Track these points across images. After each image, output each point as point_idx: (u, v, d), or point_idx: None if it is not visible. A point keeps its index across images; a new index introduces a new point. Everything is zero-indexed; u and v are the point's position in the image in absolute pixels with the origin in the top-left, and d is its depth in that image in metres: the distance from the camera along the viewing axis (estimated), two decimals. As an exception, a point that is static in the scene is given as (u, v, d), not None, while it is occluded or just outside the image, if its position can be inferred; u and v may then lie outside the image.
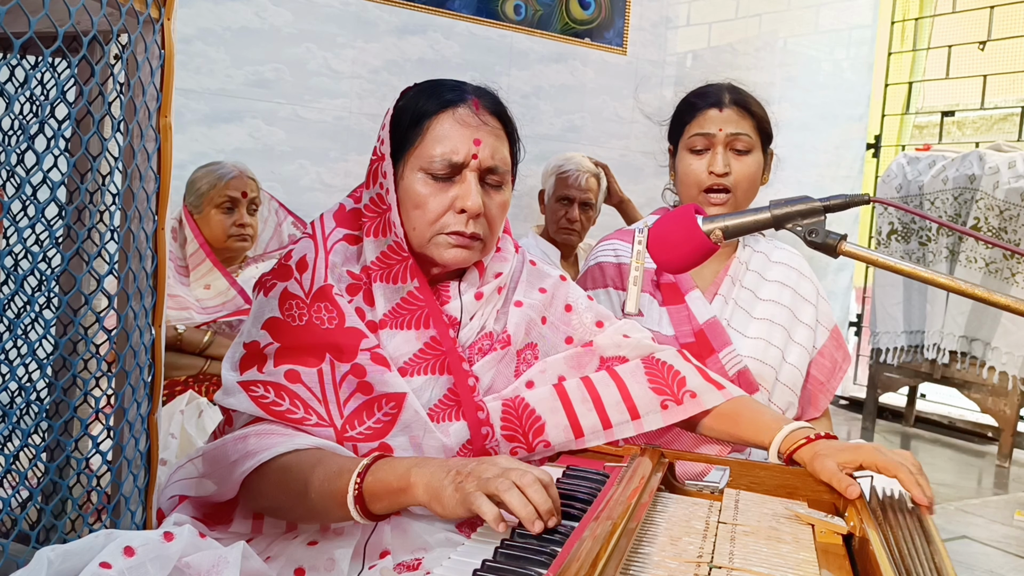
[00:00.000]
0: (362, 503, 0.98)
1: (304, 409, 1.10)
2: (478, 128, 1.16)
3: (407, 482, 0.96)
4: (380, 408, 1.11)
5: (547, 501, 0.88)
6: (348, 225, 1.20)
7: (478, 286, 1.23)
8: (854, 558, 0.90)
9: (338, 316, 1.12)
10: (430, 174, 1.15)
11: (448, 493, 0.92)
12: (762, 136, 1.67)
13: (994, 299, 0.97)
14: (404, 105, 1.20)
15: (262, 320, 1.14)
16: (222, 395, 1.13)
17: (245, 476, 1.04)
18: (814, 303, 1.70)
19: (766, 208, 1.07)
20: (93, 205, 0.97)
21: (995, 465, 3.74)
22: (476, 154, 1.16)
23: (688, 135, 1.65)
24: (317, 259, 1.15)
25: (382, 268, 1.17)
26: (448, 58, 3.39)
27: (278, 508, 1.08)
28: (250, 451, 1.05)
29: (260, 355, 1.13)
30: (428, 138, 1.16)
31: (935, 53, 4.62)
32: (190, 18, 2.87)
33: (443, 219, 1.16)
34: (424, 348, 1.17)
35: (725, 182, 1.61)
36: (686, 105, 1.69)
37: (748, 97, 1.67)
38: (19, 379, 0.98)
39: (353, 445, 1.11)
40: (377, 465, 0.99)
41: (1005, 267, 3.62)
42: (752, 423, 1.24)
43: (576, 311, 1.34)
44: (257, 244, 2.47)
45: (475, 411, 1.16)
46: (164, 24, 0.95)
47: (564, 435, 1.21)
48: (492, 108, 1.20)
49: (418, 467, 0.97)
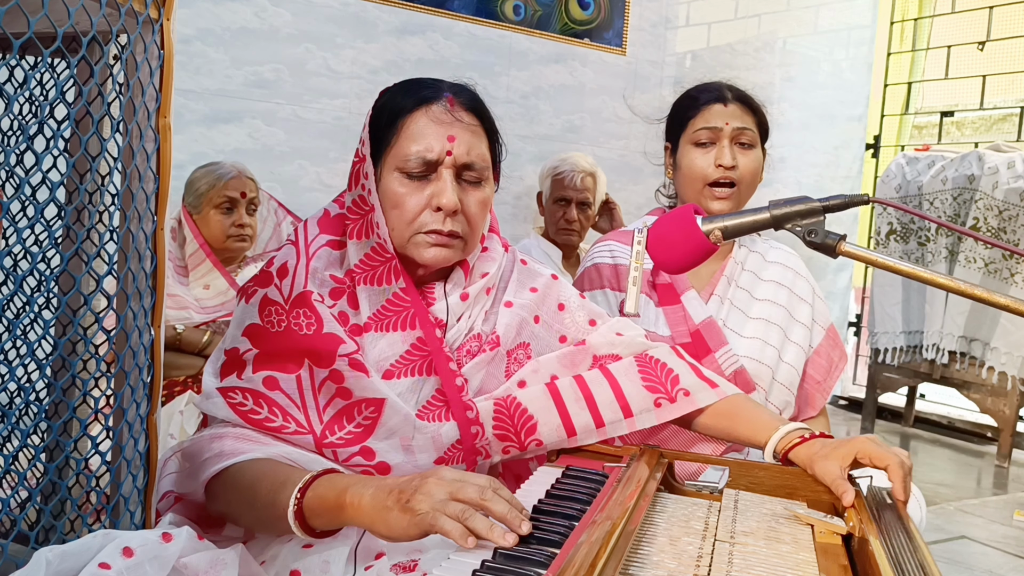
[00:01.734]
0: (302, 518, 0.96)
1: (283, 417, 1.10)
2: (452, 124, 1.15)
3: (343, 501, 0.93)
4: (360, 413, 1.11)
5: (511, 509, 0.85)
6: (332, 231, 1.19)
7: (464, 287, 1.22)
8: (853, 558, 0.90)
9: (316, 322, 1.11)
10: (406, 173, 1.14)
11: (395, 515, 0.89)
12: (762, 132, 1.67)
13: (993, 299, 0.97)
14: (382, 104, 1.19)
15: (243, 327, 1.14)
16: (202, 399, 1.13)
17: (209, 479, 1.03)
18: (810, 302, 1.70)
19: (765, 208, 1.08)
20: (92, 205, 0.97)
21: (994, 465, 3.75)
22: (450, 150, 1.14)
23: (692, 129, 1.64)
24: (298, 265, 1.14)
25: (366, 271, 1.16)
26: (447, 58, 3.39)
27: (232, 514, 1.07)
28: (223, 452, 1.04)
29: (239, 361, 1.13)
30: (403, 136, 1.15)
31: (934, 53, 4.62)
32: (189, 18, 2.87)
33: (420, 218, 1.15)
34: (410, 350, 1.16)
35: (732, 175, 1.61)
36: (688, 100, 1.68)
37: (748, 95, 1.67)
38: (18, 379, 0.98)
39: (333, 451, 1.10)
40: (319, 481, 0.97)
41: (1004, 267, 3.63)
42: (749, 422, 1.24)
43: (569, 310, 1.32)
44: (256, 244, 2.46)
45: (464, 411, 1.16)
46: (163, 24, 0.95)
47: (556, 434, 1.21)
48: (468, 104, 1.18)
49: (355, 486, 0.94)
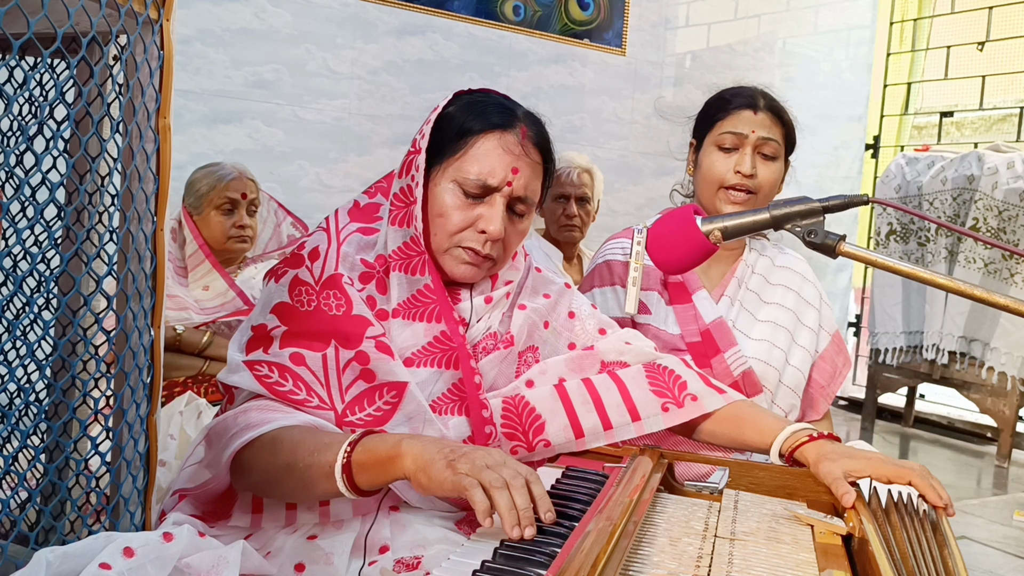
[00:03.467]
0: (349, 473, 0.97)
1: (306, 391, 1.11)
2: (519, 158, 1.17)
3: (397, 451, 0.95)
4: (381, 396, 1.12)
5: (528, 508, 0.86)
6: (362, 220, 1.21)
7: (489, 291, 1.25)
8: (853, 559, 0.90)
9: (346, 304, 1.13)
10: (462, 189, 1.17)
11: (438, 468, 0.91)
12: (787, 146, 1.66)
13: (993, 300, 0.97)
14: (452, 113, 1.20)
15: (271, 305, 1.15)
16: (226, 373, 1.14)
17: (237, 451, 1.03)
18: (817, 307, 1.70)
19: (765, 209, 1.08)
20: (92, 206, 0.97)
21: (994, 465, 3.75)
22: (511, 182, 1.17)
23: (718, 131, 1.63)
24: (329, 249, 1.16)
25: (402, 258, 1.18)
26: (447, 59, 3.39)
27: (267, 482, 1.07)
28: (250, 423, 1.05)
29: (267, 337, 1.14)
30: (470, 154, 1.17)
31: (934, 54, 4.62)
32: (189, 19, 2.87)
33: (463, 233, 1.17)
34: (433, 342, 1.17)
35: (749, 184, 1.60)
36: (720, 101, 1.67)
37: (780, 105, 1.65)
38: (18, 380, 0.98)
39: (352, 431, 1.11)
40: (369, 437, 0.99)
41: (1004, 267, 3.63)
42: (755, 425, 1.24)
43: (579, 318, 1.34)
44: (256, 245, 2.46)
45: (480, 409, 1.17)
46: (163, 25, 0.95)
47: (564, 435, 1.21)
48: (536, 140, 1.21)
49: (411, 439, 0.96)
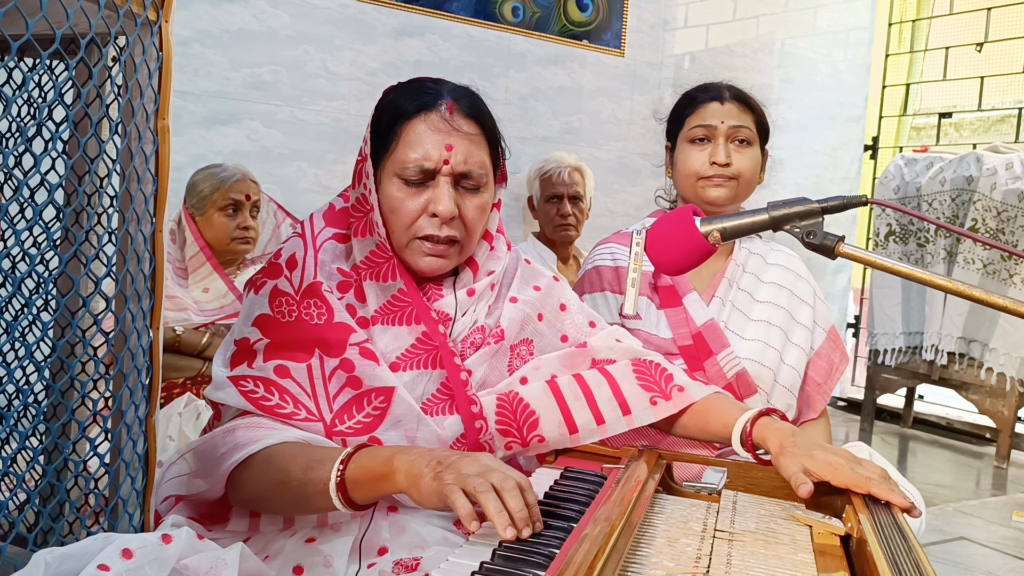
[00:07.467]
0: (344, 491, 0.97)
1: (293, 404, 1.11)
2: (450, 134, 1.15)
3: (390, 467, 0.95)
4: (369, 402, 1.12)
5: (523, 509, 0.86)
6: (337, 224, 1.21)
7: (471, 283, 1.24)
8: (851, 559, 0.90)
9: (327, 312, 1.13)
10: (404, 180, 1.16)
11: (426, 481, 0.91)
12: (761, 132, 1.67)
13: (992, 300, 0.97)
14: (383, 106, 1.20)
15: (252, 317, 1.15)
16: (212, 390, 1.14)
17: (232, 470, 1.03)
18: (811, 304, 1.70)
19: (764, 210, 1.08)
20: (91, 207, 0.97)
21: (993, 466, 3.75)
22: (448, 159, 1.15)
23: (688, 127, 1.65)
24: (306, 257, 1.16)
25: (370, 267, 1.18)
26: (446, 60, 3.39)
27: (260, 499, 1.07)
28: (238, 443, 1.05)
29: (250, 351, 1.14)
30: (402, 143, 1.16)
31: (932, 55, 4.63)
32: (188, 20, 2.87)
33: (418, 223, 1.16)
34: (416, 343, 1.17)
35: (726, 172, 1.61)
36: (686, 99, 1.69)
37: (747, 94, 1.67)
38: (16, 381, 0.98)
39: (342, 439, 1.11)
40: (360, 453, 0.99)
41: (1003, 268, 3.63)
42: (720, 416, 1.22)
43: (570, 311, 1.35)
44: (256, 246, 2.47)
45: (468, 405, 1.16)
46: (162, 26, 0.95)
47: (558, 430, 1.21)
48: (468, 111, 1.18)
49: (402, 453, 0.96)
